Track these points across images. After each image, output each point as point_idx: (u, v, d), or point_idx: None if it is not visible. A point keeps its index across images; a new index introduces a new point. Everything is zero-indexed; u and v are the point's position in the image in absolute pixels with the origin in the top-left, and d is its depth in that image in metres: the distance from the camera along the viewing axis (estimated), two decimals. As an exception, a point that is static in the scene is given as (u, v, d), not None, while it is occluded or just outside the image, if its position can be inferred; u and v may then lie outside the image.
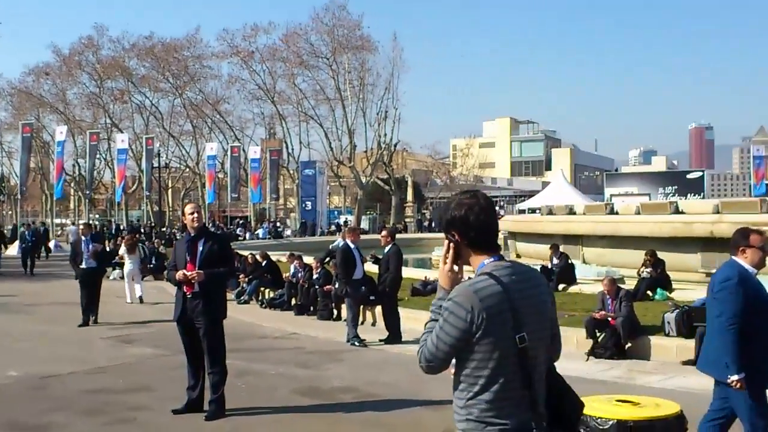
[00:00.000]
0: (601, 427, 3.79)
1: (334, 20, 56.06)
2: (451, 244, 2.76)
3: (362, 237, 14.56)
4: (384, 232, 12.39)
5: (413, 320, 12.63)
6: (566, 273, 16.06)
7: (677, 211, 18.54)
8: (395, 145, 60.02)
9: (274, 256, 21.71)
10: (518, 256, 24.10)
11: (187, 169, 65.50)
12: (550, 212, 24.07)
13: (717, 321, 5.05)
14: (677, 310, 11.01)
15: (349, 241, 12.77)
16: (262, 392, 8.75)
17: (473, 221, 2.74)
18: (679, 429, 3.81)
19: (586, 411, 3.94)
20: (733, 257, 5.24)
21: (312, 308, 16.03)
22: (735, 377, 4.86)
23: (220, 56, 59.80)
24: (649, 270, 14.45)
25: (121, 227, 48.95)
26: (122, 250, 18.51)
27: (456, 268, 2.78)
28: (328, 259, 19.55)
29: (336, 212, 60.15)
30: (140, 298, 18.40)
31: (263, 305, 17.86)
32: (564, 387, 2.86)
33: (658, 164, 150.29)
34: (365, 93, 57.72)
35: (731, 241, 5.33)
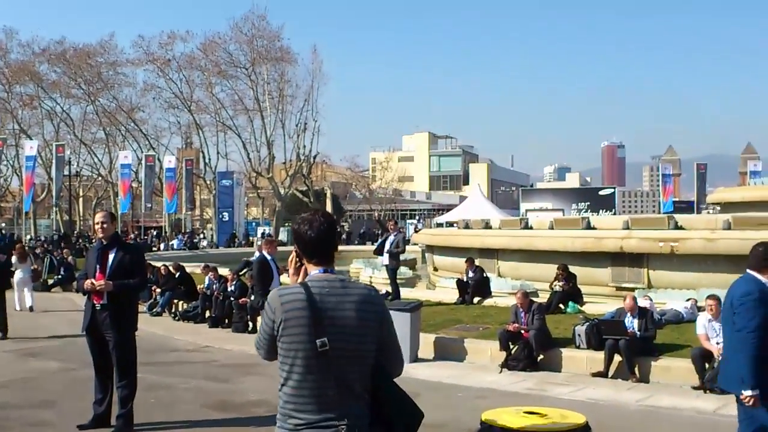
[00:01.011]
0: (509, 438, 3.83)
1: (253, 30, 55.66)
2: (294, 254, 3.20)
3: (280, 248, 14.41)
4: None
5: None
6: (481, 286, 16.29)
7: (589, 227, 19.06)
8: (314, 157, 59.87)
9: (189, 267, 21.25)
10: (435, 269, 24.30)
11: (100, 178, 63.57)
12: (467, 226, 24.37)
13: (737, 336, 4.95)
14: (587, 323, 11.30)
15: (266, 253, 12.62)
16: (172, 406, 8.50)
17: (306, 236, 3.13)
18: (584, 438, 3.89)
19: (494, 422, 3.98)
20: (752, 272, 5.10)
21: (227, 321, 15.75)
22: (749, 393, 4.79)
23: (135, 63, 58.39)
24: (561, 284, 14.80)
25: (30, 237, 47.04)
26: (14, 259, 17.98)
27: (300, 274, 3.17)
28: (244, 270, 19.27)
29: (254, 224, 59.34)
30: (30, 307, 18.02)
31: (176, 318, 17.47)
32: (399, 396, 3.17)
33: (572, 181, 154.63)
34: (284, 104, 57.46)
35: (756, 256, 5.11)
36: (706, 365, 9.69)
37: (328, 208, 61.04)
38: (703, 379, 9.60)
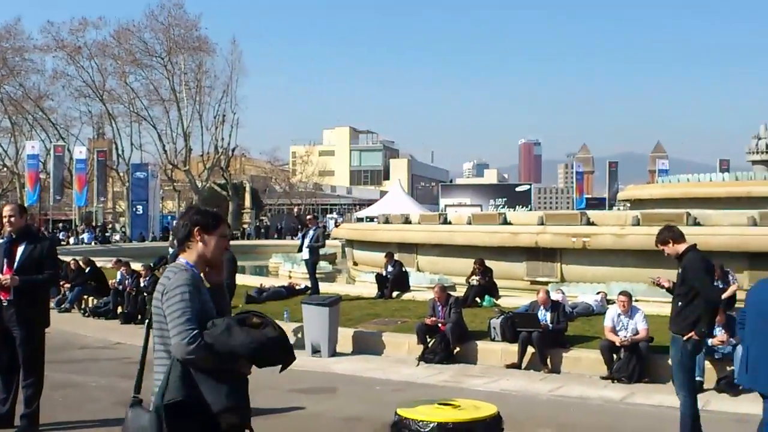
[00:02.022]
0: (422, 430, 3.87)
1: (170, 19, 54.24)
2: None
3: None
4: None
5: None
6: (400, 280, 16.40)
7: (505, 222, 19.43)
8: (233, 150, 58.94)
9: (100, 262, 20.65)
10: (355, 263, 24.34)
11: (5, 169, 60.91)
12: (387, 221, 24.49)
13: None
14: (502, 316, 11.54)
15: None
16: (81, 405, 8.25)
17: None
18: (496, 429, 3.98)
19: (409, 415, 4.01)
20: None
21: (140, 317, 15.36)
22: None
23: (43, 50, 56.00)
24: (477, 278, 15.05)
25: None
26: None
27: None
28: (158, 265, 18.82)
29: (169, 217, 58.02)
30: None
31: (86, 314, 16.94)
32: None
33: (490, 177, 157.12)
34: (202, 95, 56.29)
35: None
36: (614, 356, 10.03)
37: (247, 202, 60.31)
38: (611, 369, 9.94)
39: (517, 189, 78.54)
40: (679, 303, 6.75)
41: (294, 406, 8.37)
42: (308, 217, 18.11)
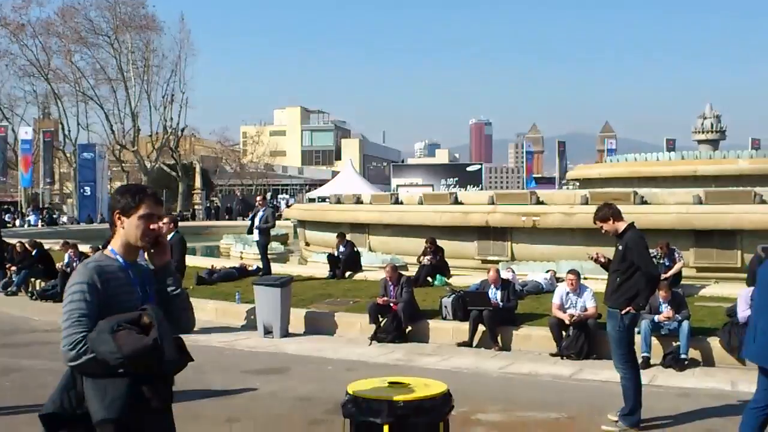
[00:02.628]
0: (373, 409, 3.88)
1: (116, -4, 52.98)
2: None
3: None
4: (165, 220, 11.84)
5: (199, 310, 12.08)
6: (352, 261, 16.40)
7: (456, 202, 19.54)
8: (182, 130, 58.08)
9: (47, 244, 20.19)
10: (307, 244, 24.26)
11: (-55, 149, 58.98)
12: (339, 201, 24.41)
13: None
14: (453, 295, 11.64)
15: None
16: (30, 390, 8.07)
17: None
18: (446, 406, 4.01)
19: (359, 394, 4.02)
20: None
21: (88, 300, 15.07)
22: None
23: (-15, 27, 54.29)
24: (429, 257, 15.13)
25: None
26: None
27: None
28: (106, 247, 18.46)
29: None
30: None
31: (33, 297, 16.59)
32: None
33: (442, 157, 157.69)
34: (150, 75, 55.27)
35: None
36: (563, 333, 10.20)
37: (197, 182, 59.44)
38: (560, 346, 10.11)
39: (468, 169, 78.96)
40: (618, 279, 6.92)
41: (246, 387, 8.33)
42: (258, 198, 17.90)
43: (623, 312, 6.82)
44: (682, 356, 9.48)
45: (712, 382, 8.80)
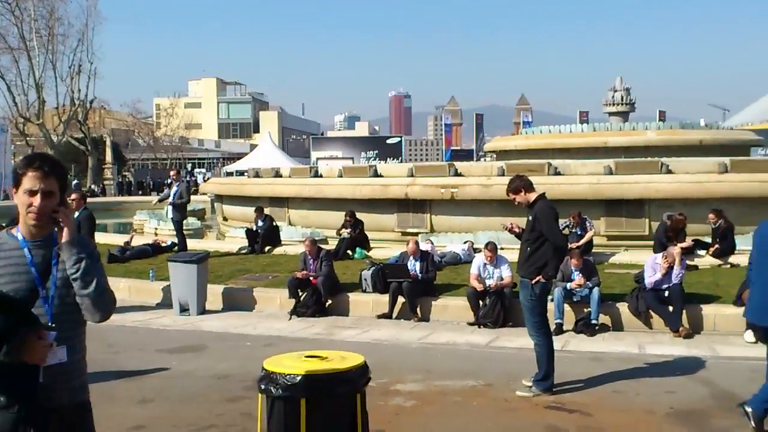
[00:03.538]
0: (289, 383, 3.84)
1: (17, -39, 50.37)
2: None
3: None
4: (74, 195, 11.39)
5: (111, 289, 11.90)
6: (271, 235, 16.22)
7: (376, 175, 19.52)
8: (91, 102, 55.95)
9: (-53, 223, 19.16)
10: (225, 219, 23.86)
11: None
12: (257, 175, 24.04)
13: None
14: (373, 268, 11.66)
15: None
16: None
17: None
18: (362, 378, 4.01)
19: (275, 369, 3.96)
20: None
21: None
22: None
23: None
24: (348, 230, 15.10)
25: None
26: None
27: None
28: (10, 225, 17.67)
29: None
30: None
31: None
32: None
33: (362, 129, 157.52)
34: (55, 44, 52.81)
35: None
36: (480, 303, 10.36)
37: (108, 156, 57.50)
38: (477, 315, 10.27)
39: (388, 141, 79.36)
40: (528, 249, 7.07)
41: (161, 367, 8.15)
42: (171, 172, 17.40)
43: (533, 281, 6.97)
44: (593, 322, 9.78)
45: (621, 345, 9.12)
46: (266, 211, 17.38)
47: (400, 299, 10.95)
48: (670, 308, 9.75)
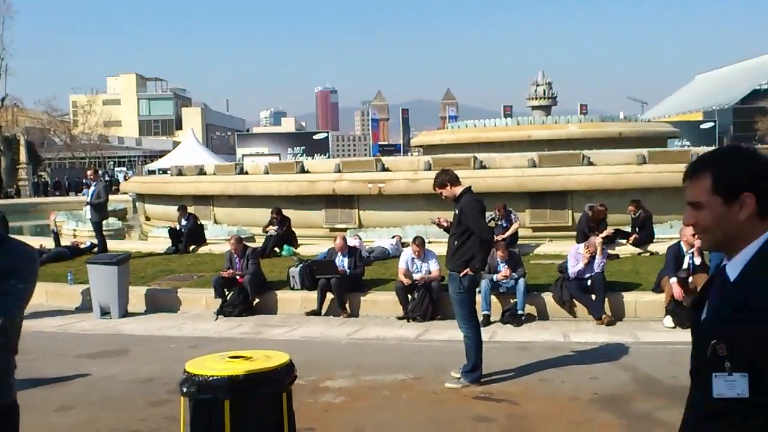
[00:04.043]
0: (212, 385, 3.74)
1: None
2: None
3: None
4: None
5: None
6: (195, 234, 15.88)
7: (303, 171, 19.36)
8: (2, 100, 53.83)
9: None
10: (148, 218, 23.30)
11: None
12: (180, 173, 23.53)
13: None
14: (301, 265, 11.54)
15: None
16: None
17: None
18: (288, 377, 3.93)
19: (197, 371, 3.85)
20: None
21: None
22: None
23: None
24: (275, 227, 14.92)
25: None
26: None
27: None
28: None
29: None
30: None
31: None
32: None
33: (288, 125, 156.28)
34: (-38, 39, 50.64)
35: None
36: (409, 297, 10.38)
37: (23, 156, 55.39)
38: (406, 309, 10.29)
39: (315, 137, 78.89)
40: (455, 242, 7.11)
41: (81, 373, 7.87)
42: (89, 172, 16.83)
43: (461, 274, 7.01)
44: (519, 312, 9.92)
45: (547, 334, 9.28)
46: (190, 209, 17.03)
47: (329, 295, 10.88)
48: (593, 296, 9.97)
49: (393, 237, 14.51)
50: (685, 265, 9.87)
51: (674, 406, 6.29)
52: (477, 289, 9.33)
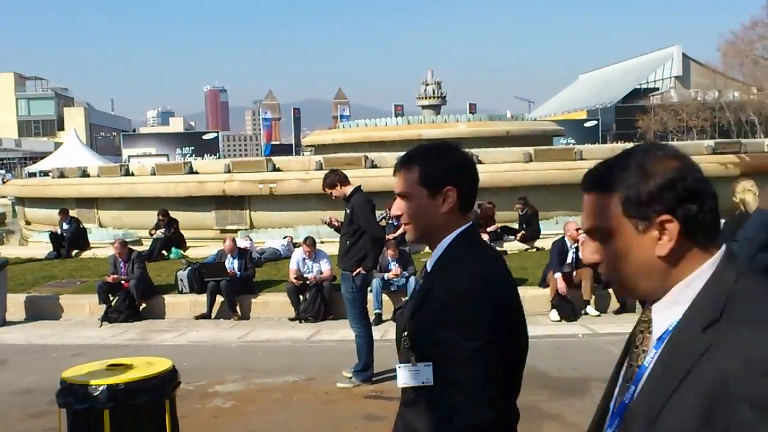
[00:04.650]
0: (90, 395, 3.61)
1: None
2: None
3: None
4: None
5: None
6: (78, 238, 15.29)
7: (192, 172, 18.93)
8: None
9: None
10: (28, 222, 22.21)
11: None
12: (62, 175, 22.55)
13: None
14: (189, 268, 11.29)
15: None
16: None
17: None
18: (170, 384, 3.84)
19: (75, 381, 3.71)
20: None
21: None
22: None
23: None
24: (162, 230, 14.54)
25: None
26: None
27: None
28: None
29: None
30: None
31: None
32: None
33: (176, 125, 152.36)
34: None
35: None
36: (301, 297, 10.34)
37: None
38: (298, 310, 10.24)
39: (205, 137, 77.40)
40: (347, 241, 7.14)
41: (-48, 388, 7.42)
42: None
43: (354, 274, 7.04)
44: (411, 310, 10.04)
45: (438, 331, 9.43)
46: (74, 212, 16.38)
47: (219, 298, 10.70)
48: (481, 292, 10.21)
49: (284, 238, 14.42)
50: (569, 260, 10.28)
51: (559, 398, 6.55)
52: (369, 288, 9.42)
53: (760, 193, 6.20)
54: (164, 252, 14.07)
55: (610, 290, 10.12)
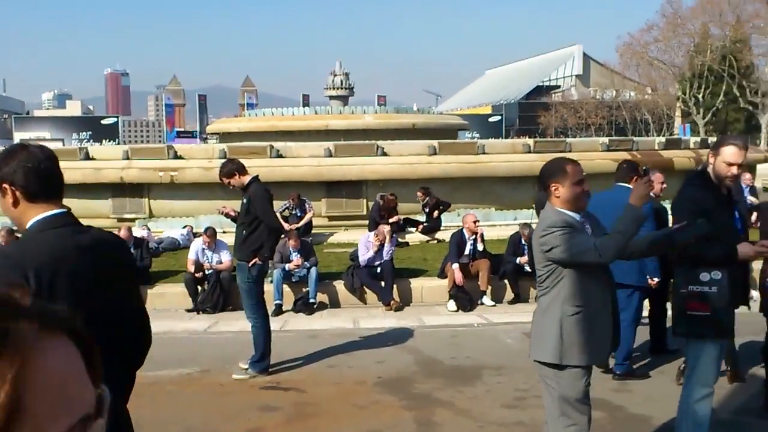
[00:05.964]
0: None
1: None
2: None
3: None
4: None
5: None
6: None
7: (87, 158, 18.24)
8: None
9: None
10: None
11: None
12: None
13: None
14: (82, 257, 10.87)
15: None
16: None
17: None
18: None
19: None
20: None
21: None
22: None
23: None
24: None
25: None
26: None
27: None
28: None
29: None
30: None
31: None
32: None
33: (74, 109, 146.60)
34: None
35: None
36: (199, 288, 10.14)
37: None
38: (196, 301, 10.04)
39: (104, 122, 74.75)
40: (244, 231, 7.06)
41: None
42: None
43: (250, 264, 6.97)
44: (311, 301, 10.02)
45: (338, 321, 9.45)
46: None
47: (113, 289, 10.34)
48: (383, 283, 10.29)
49: (184, 227, 14.11)
50: (467, 251, 10.47)
51: (451, 386, 6.67)
52: (269, 279, 9.34)
53: (617, 168, 6.49)
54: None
55: (506, 281, 10.40)
